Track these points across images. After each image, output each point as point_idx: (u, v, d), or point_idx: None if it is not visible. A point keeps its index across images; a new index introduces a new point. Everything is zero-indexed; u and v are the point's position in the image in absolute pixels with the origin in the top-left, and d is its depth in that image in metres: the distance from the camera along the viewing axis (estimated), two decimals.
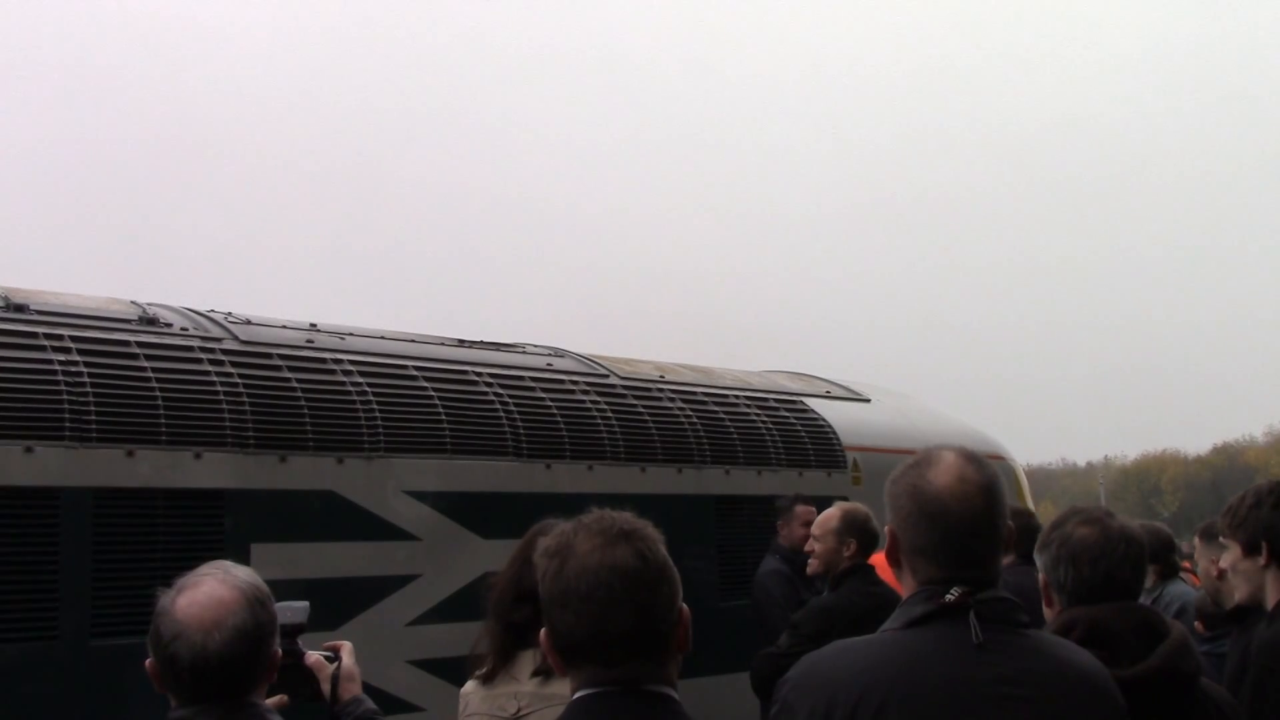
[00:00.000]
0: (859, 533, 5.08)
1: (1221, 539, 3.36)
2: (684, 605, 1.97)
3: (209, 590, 2.31)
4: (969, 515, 2.19)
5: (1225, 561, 3.31)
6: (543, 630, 1.94)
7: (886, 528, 2.29)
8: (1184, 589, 5.59)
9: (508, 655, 2.93)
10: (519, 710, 2.85)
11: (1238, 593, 3.29)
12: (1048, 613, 2.73)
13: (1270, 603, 3.16)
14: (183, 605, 2.29)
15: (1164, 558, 5.54)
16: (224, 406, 5.30)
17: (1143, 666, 2.48)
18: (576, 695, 1.91)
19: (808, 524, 5.71)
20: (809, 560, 5.37)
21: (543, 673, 2.84)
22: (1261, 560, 3.17)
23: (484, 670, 2.97)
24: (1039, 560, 2.76)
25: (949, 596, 2.14)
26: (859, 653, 2.17)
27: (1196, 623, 4.53)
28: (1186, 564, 6.22)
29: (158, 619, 2.30)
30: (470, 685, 3.03)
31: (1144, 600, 2.89)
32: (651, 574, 1.90)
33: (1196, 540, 4.28)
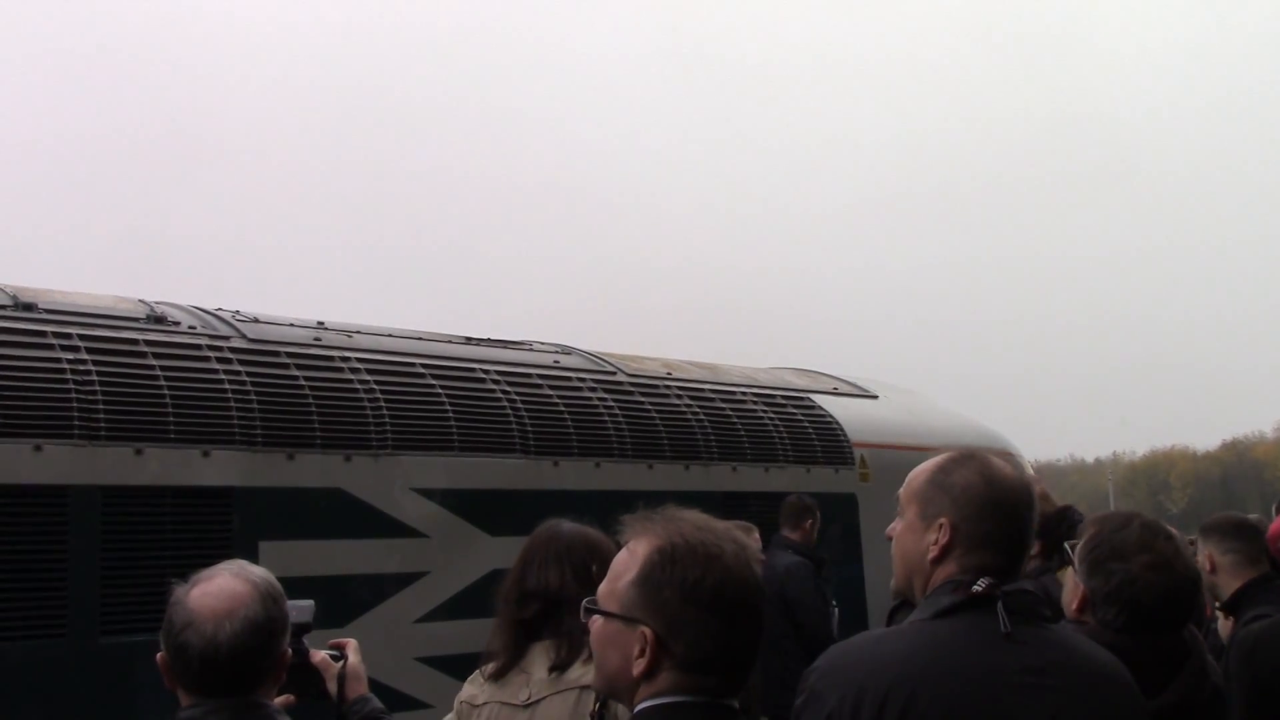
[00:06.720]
0: None
1: None
2: None
3: (223, 583, 2.34)
4: (1029, 508, 2.27)
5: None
6: (649, 631, 1.88)
7: (943, 519, 2.24)
8: None
9: (520, 651, 2.95)
10: (529, 697, 2.87)
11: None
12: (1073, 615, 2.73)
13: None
14: (196, 596, 2.32)
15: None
16: (232, 404, 5.30)
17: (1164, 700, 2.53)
18: (674, 701, 1.88)
19: None
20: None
21: (559, 667, 2.86)
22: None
23: (494, 667, 2.98)
24: (1085, 575, 2.68)
25: (977, 588, 2.16)
26: (888, 643, 2.19)
27: None
28: None
29: (171, 609, 2.33)
30: (474, 682, 3.02)
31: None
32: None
33: (1199, 536, 4.28)
